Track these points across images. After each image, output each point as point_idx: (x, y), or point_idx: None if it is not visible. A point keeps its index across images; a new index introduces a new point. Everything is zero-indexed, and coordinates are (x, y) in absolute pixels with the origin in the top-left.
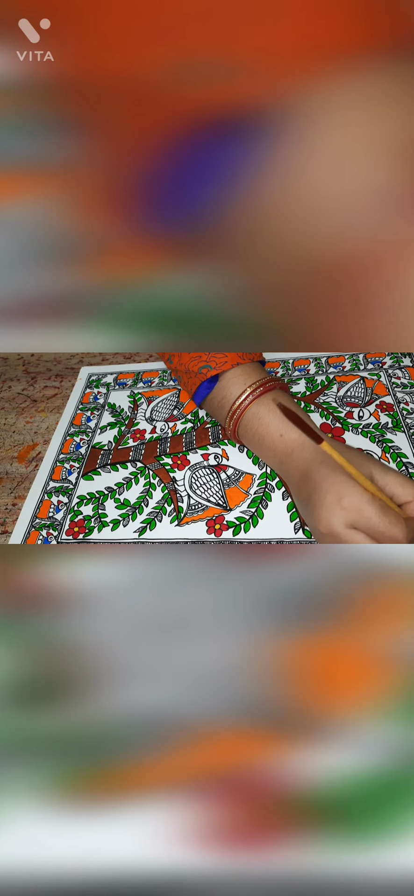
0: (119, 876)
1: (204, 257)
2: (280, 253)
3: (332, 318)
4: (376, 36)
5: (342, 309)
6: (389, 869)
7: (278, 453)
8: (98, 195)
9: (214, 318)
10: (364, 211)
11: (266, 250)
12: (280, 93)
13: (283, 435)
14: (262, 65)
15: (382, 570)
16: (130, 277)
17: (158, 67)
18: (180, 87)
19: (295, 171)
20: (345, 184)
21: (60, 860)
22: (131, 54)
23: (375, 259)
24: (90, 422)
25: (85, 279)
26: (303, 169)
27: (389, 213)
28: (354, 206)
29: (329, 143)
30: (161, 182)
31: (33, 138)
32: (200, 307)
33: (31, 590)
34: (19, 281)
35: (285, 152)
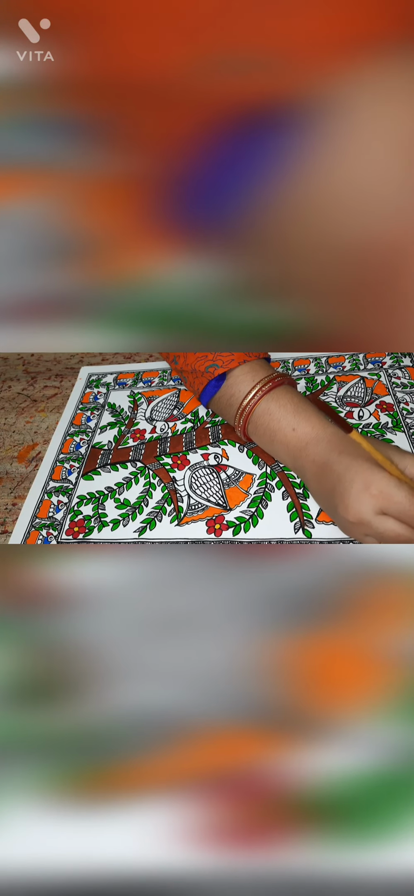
0: (119, 875)
1: (212, 250)
2: (297, 247)
3: (357, 317)
4: (411, 24)
5: (367, 307)
6: (389, 868)
7: (291, 448)
8: (98, 195)
9: (216, 318)
10: (401, 206)
11: (281, 244)
12: (313, 85)
13: (295, 429)
14: (291, 57)
15: (382, 570)
16: (130, 277)
17: (174, 63)
18: (198, 82)
19: (326, 166)
20: (381, 178)
21: (60, 859)
22: (144, 53)
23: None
24: (90, 422)
25: (85, 279)
26: (334, 163)
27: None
28: (388, 202)
29: (364, 138)
30: (177, 178)
31: (33, 138)
32: (200, 307)
33: (31, 590)
34: (19, 281)
35: (311, 148)
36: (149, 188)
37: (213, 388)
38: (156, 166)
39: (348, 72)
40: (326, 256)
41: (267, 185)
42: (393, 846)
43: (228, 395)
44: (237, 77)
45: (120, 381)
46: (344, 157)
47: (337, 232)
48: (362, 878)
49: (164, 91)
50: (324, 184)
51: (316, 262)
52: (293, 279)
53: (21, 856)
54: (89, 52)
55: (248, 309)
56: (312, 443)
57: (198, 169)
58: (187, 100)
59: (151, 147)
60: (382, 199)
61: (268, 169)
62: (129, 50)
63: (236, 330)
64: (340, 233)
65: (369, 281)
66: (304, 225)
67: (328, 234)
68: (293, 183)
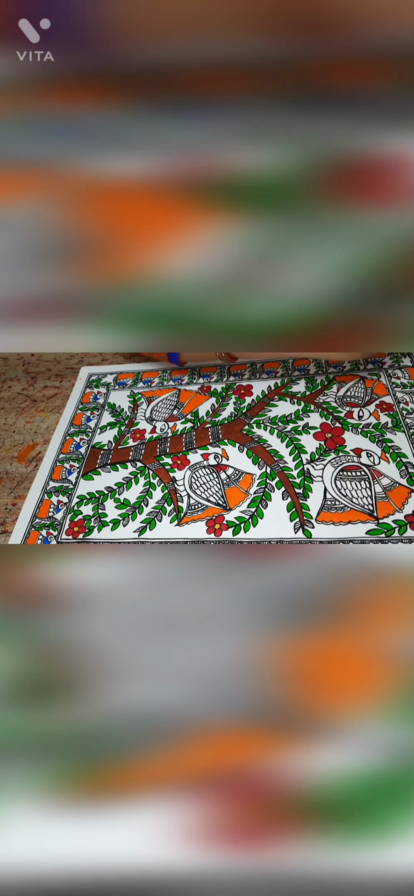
0: (119, 874)
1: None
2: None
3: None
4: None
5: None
6: (389, 868)
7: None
8: (98, 195)
9: (216, 318)
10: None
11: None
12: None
13: None
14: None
15: (382, 570)
16: (130, 277)
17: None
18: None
19: None
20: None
21: (60, 859)
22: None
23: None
24: (90, 422)
25: (85, 279)
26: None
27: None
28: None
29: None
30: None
31: (33, 138)
32: (201, 307)
33: (31, 590)
34: (19, 281)
35: None
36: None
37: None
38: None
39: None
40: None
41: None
42: (393, 846)
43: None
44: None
45: (120, 381)
46: None
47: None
48: (362, 877)
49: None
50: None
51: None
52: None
53: (21, 855)
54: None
55: (248, 308)
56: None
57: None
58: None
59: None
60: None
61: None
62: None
63: (236, 330)
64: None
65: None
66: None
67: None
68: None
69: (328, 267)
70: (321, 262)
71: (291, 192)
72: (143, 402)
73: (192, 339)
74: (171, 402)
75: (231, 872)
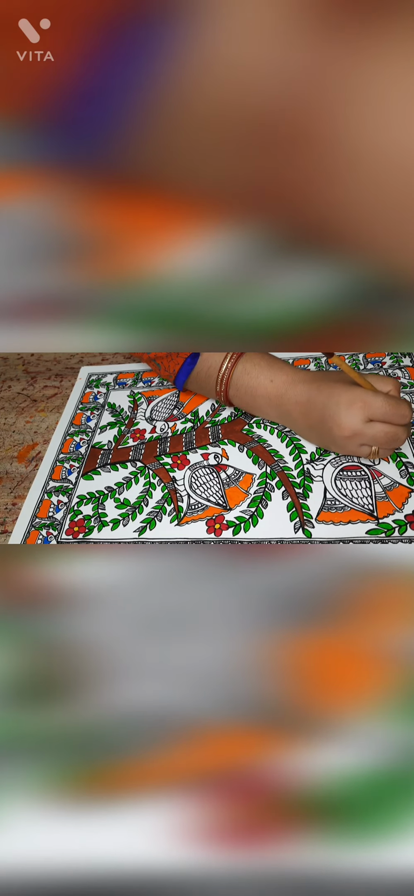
0: (119, 874)
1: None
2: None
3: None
4: None
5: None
6: (389, 867)
7: (273, 398)
8: (98, 195)
9: (216, 317)
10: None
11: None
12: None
13: (273, 380)
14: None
15: (382, 570)
16: (130, 277)
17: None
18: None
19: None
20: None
21: (60, 858)
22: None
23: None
24: (90, 421)
25: (85, 279)
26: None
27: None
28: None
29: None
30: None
31: (33, 138)
32: (201, 306)
33: (31, 590)
34: (19, 281)
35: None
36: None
37: (189, 366)
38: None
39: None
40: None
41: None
42: (393, 845)
43: (206, 368)
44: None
45: (120, 380)
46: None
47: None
48: (362, 877)
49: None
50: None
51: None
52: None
53: (21, 855)
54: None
55: (248, 308)
56: (290, 387)
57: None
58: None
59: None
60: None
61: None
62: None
63: (236, 329)
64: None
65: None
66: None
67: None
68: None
69: (328, 267)
70: (321, 262)
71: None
72: (143, 402)
73: (192, 339)
74: (171, 401)
75: (231, 872)
